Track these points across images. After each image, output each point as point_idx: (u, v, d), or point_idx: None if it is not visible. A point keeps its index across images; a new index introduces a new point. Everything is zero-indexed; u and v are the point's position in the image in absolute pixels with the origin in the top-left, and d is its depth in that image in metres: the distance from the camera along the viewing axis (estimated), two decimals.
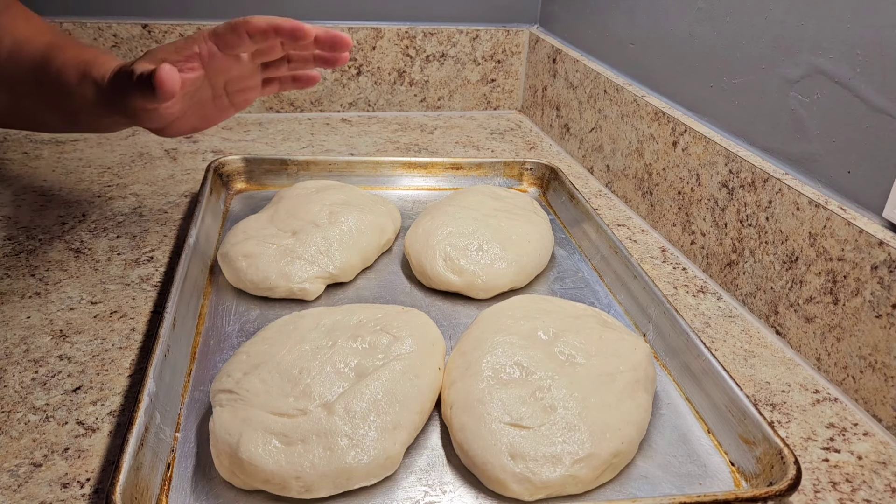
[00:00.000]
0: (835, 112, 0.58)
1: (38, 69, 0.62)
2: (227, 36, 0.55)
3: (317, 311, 0.55)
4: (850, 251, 0.55)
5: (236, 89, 0.63)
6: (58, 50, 0.62)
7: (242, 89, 0.64)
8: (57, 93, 0.61)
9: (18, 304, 0.60)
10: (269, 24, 0.55)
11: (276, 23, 0.55)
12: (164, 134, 0.62)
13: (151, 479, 0.43)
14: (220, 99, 0.63)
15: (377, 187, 0.84)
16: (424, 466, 0.47)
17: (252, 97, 0.65)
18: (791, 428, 0.53)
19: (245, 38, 0.55)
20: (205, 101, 0.62)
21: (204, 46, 0.55)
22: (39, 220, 0.73)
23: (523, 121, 1.14)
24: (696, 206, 0.73)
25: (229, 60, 0.58)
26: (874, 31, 0.54)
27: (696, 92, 0.75)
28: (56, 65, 0.61)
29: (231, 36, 0.55)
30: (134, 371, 0.54)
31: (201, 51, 0.55)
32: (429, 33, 1.09)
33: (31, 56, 0.63)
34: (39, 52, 0.63)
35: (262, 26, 0.55)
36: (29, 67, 0.63)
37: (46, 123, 0.69)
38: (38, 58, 0.62)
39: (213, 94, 0.62)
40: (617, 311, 0.65)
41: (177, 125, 0.61)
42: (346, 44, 0.59)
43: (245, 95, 0.64)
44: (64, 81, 0.60)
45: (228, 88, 0.63)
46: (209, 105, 0.63)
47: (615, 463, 0.46)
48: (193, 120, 0.62)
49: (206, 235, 0.68)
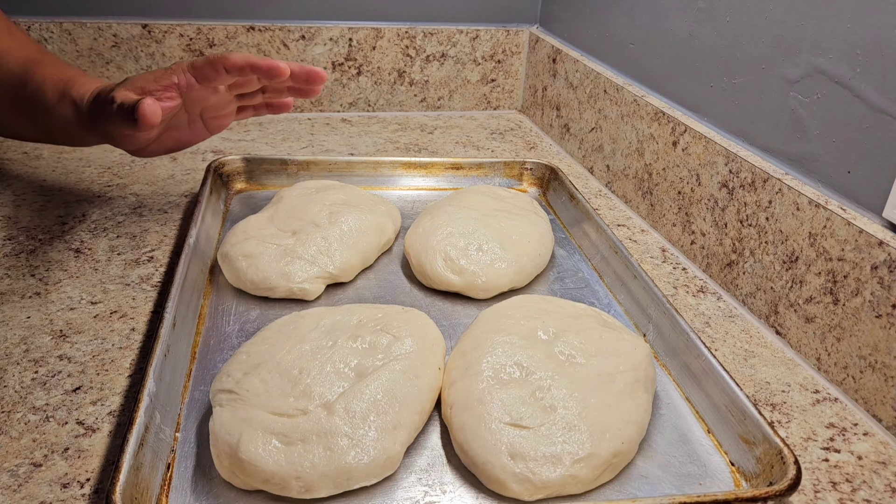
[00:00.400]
0: (835, 112, 0.58)
1: (16, 83, 0.64)
2: (206, 70, 0.58)
3: (317, 311, 0.55)
4: (850, 251, 0.55)
5: (211, 116, 0.66)
6: (37, 66, 0.63)
7: (217, 116, 0.66)
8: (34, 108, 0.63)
9: (18, 304, 0.60)
10: (245, 62, 0.57)
11: (253, 61, 0.58)
12: (140, 155, 0.65)
13: (151, 479, 0.43)
14: (195, 124, 0.66)
15: (377, 187, 0.84)
16: (424, 466, 0.47)
17: (227, 123, 0.68)
18: (791, 428, 0.53)
19: (222, 72, 0.57)
20: (181, 126, 0.65)
21: (182, 78, 0.58)
22: (39, 220, 0.73)
23: (523, 121, 1.14)
24: (696, 206, 0.73)
25: (206, 91, 0.61)
26: (874, 31, 0.54)
27: (696, 92, 0.75)
28: (35, 81, 0.62)
29: (209, 70, 0.58)
30: (134, 371, 0.54)
31: (180, 82, 0.58)
32: (429, 33, 1.09)
33: (9, 69, 0.64)
34: (18, 65, 0.64)
35: (239, 63, 0.57)
36: (6, 80, 0.64)
37: (20, 133, 0.71)
38: (17, 71, 0.64)
39: (188, 120, 0.65)
40: (617, 311, 0.65)
41: (152, 148, 0.64)
42: (321, 78, 0.62)
43: (220, 122, 0.67)
44: (42, 98, 0.61)
45: (204, 115, 0.66)
46: (185, 130, 0.65)
47: (615, 463, 0.46)
48: (168, 143, 0.65)
49: (206, 235, 0.68)
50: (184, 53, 1.02)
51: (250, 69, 0.58)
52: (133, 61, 1.01)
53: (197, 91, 0.59)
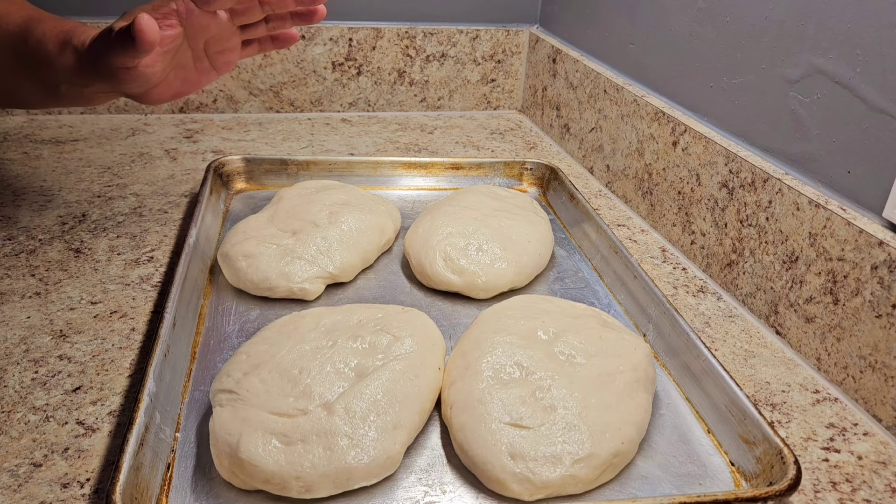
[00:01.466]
0: (835, 112, 0.58)
1: (17, 42, 0.62)
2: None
3: (317, 311, 0.55)
4: (850, 251, 0.55)
5: (216, 50, 0.63)
6: (36, 22, 0.62)
7: (222, 50, 0.64)
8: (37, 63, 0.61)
9: (18, 304, 0.60)
10: None
11: None
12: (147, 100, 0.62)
13: (151, 479, 0.43)
14: (200, 62, 0.63)
15: (377, 187, 0.84)
16: (424, 466, 0.47)
17: (233, 59, 0.65)
18: (791, 428, 0.53)
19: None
20: (185, 65, 0.62)
21: (181, 3, 0.56)
22: (39, 220, 0.73)
23: (523, 121, 1.14)
24: (696, 206, 0.73)
25: (207, 18, 0.58)
26: (874, 31, 0.54)
27: (696, 92, 0.75)
28: (36, 35, 0.61)
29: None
30: (134, 371, 0.54)
31: (178, 7, 0.56)
32: (429, 33, 1.09)
33: (9, 30, 0.63)
34: (17, 25, 0.63)
35: None
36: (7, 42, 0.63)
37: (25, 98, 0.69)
38: (17, 31, 0.62)
39: (193, 57, 0.62)
40: (617, 311, 0.65)
41: (159, 90, 0.61)
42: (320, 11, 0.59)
43: (225, 57, 0.64)
44: (44, 51, 0.60)
45: (208, 50, 0.63)
46: (190, 68, 0.63)
47: (615, 463, 0.46)
48: (176, 84, 0.62)
49: (206, 235, 0.68)
50: None
51: None
52: None
53: (198, 17, 0.57)
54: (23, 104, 0.71)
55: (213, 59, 0.64)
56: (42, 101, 0.69)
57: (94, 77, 0.59)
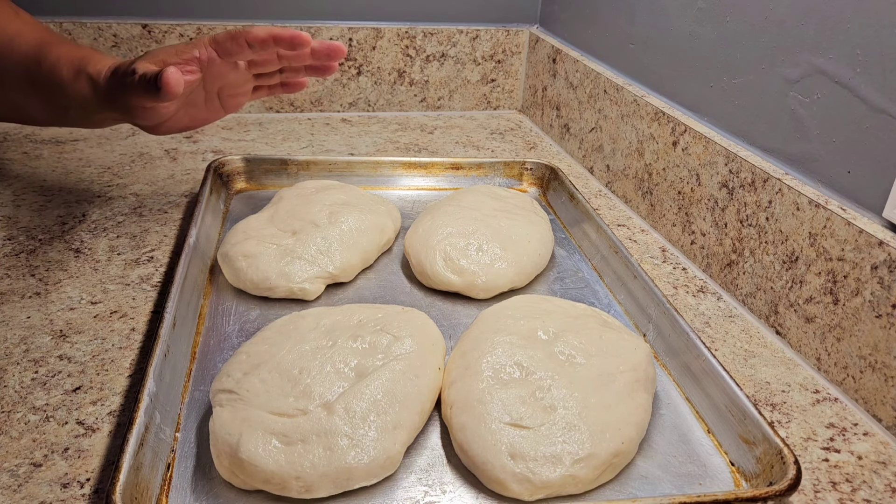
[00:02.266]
0: (835, 112, 0.58)
1: (30, 64, 0.63)
2: (228, 44, 0.58)
3: (317, 311, 0.55)
4: (850, 251, 0.55)
5: (229, 94, 0.66)
6: (50, 46, 0.63)
7: (234, 94, 0.66)
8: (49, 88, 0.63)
9: (18, 304, 0.60)
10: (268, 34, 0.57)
11: (276, 32, 0.57)
12: (155, 132, 0.64)
13: (151, 479, 0.43)
14: (212, 102, 0.65)
15: (377, 187, 0.84)
16: (424, 466, 0.47)
17: (243, 102, 0.68)
18: (791, 428, 0.53)
19: (245, 47, 0.57)
20: (197, 103, 0.64)
21: (204, 52, 0.57)
22: (39, 220, 0.73)
23: (523, 121, 1.14)
24: (696, 206, 0.73)
25: (227, 67, 0.61)
26: (874, 31, 0.54)
27: (696, 92, 0.75)
28: (50, 59, 0.62)
29: (231, 44, 0.57)
30: (134, 371, 0.54)
31: (201, 56, 0.57)
32: (429, 33, 1.09)
33: (22, 51, 0.64)
34: (31, 47, 0.64)
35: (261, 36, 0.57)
36: (20, 62, 0.64)
37: (34, 116, 0.71)
38: (30, 53, 0.64)
39: (206, 98, 0.65)
40: (617, 311, 0.65)
41: (168, 124, 0.63)
42: (341, 53, 0.62)
43: (236, 100, 0.67)
44: (58, 77, 0.61)
45: (221, 93, 0.65)
46: (201, 107, 0.65)
47: (615, 463, 0.46)
48: (185, 120, 0.65)
49: (206, 235, 0.68)
50: None
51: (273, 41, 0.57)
52: None
53: (217, 66, 0.59)
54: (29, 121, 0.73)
55: (224, 101, 0.66)
56: (48, 121, 0.71)
57: (108, 108, 0.61)
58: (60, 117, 0.68)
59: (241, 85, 0.66)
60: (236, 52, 0.58)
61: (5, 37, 0.65)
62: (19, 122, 0.73)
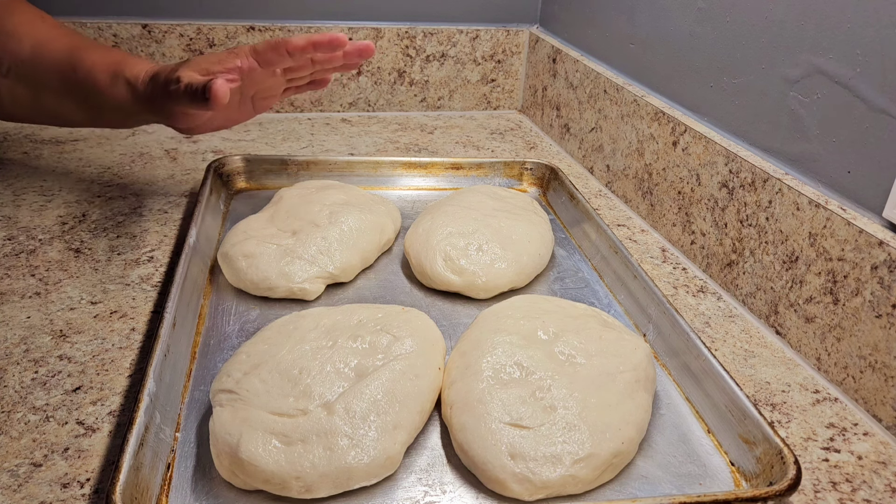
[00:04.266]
0: (835, 112, 0.58)
1: (65, 69, 0.65)
2: (269, 54, 0.60)
3: (317, 311, 0.55)
4: (850, 251, 0.55)
5: (262, 97, 0.68)
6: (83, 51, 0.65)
7: (267, 97, 0.69)
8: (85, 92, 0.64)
9: (18, 304, 0.60)
10: (308, 42, 0.60)
11: (314, 39, 0.59)
12: (189, 133, 0.67)
13: (151, 479, 0.43)
14: (245, 104, 0.68)
15: (377, 187, 0.84)
16: (424, 466, 0.47)
17: (273, 103, 0.70)
18: (791, 428, 0.53)
19: (285, 56, 0.60)
20: (231, 106, 0.66)
21: (245, 62, 0.60)
22: (39, 220, 0.73)
23: (523, 121, 1.14)
24: (696, 206, 0.73)
25: (265, 74, 0.63)
26: (874, 31, 0.54)
27: (696, 92, 0.75)
28: (85, 65, 0.64)
29: (272, 54, 0.60)
30: (134, 371, 0.54)
31: (242, 65, 0.60)
32: (429, 33, 1.09)
33: (54, 56, 0.66)
34: (63, 53, 0.66)
35: (301, 45, 0.60)
36: (53, 67, 0.66)
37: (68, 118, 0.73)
38: (63, 59, 0.65)
39: (240, 100, 0.67)
40: (617, 311, 0.65)
41: (203, 126, 0.66)
42: (371, 51, 0.64)
43: (268, 102, 0.69)
44: (93, 82, 0.63)
45: (256, 96, 0.68)
46: (234, 108, 0.67)
47: (615, 463, 0.46)
48: (218, 121, 0.67)
49: (206, 235, 0.68)
50: (184, 53, 1.02)
51: (312, 48, 0.59)
52: None
53: (257, 74, 0.61)
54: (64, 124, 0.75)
55: (256, 103, 0.68)
56: (83, 122, 0.74)
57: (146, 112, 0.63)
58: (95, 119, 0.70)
59: (276, 88, 0.68)
60: (277, 62, 0.60)
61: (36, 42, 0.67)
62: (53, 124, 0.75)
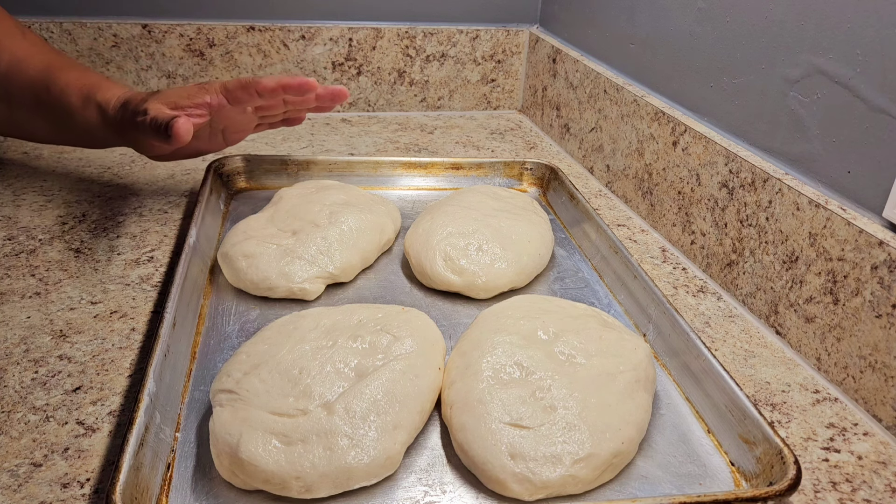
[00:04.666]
0: (835, 112, 0.58)
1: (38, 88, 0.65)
2: (238, 93, 0.61)
3: (317, 311, 0.55)
4: (850, 251, 0.55)
5: (233, 132, 0.69)
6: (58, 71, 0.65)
7: (238, 132, 0.70)
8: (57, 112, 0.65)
9: (18, 304, 0.60)
10: (277, 84, 0.60)
11: (284, 82, 0.60)
12: (157, 160, 0.68)
13: (151, 479, 0.43)
14: (215, 137, 0.69)
15: (377, 187, 0.84)
16: (424, 466, 0.47)
17: (244, 136, 0.71)
18: (791, 428, 0.53)
19: (255, 95, 0.60)
20: (201, 138, 0.67)
21: (215, 98, 0.61)
22: (39, 220, 0.73)
23: (523, 121, 1.14)
24: (696, 206, 0.73)
25: (235, 111, 0.64)
26: (874, 31, 0.54)
27: (696, 92, 0.75)
28: (59, 85, 0.64)
29: (242, 93, 0.61)
30: (134, 371, 0.54)
31: (212, 101, 0.60)
32: (429, 33, 1.09)
33: (29, 74, 0.66)
34: (38, 71, 0.66)
35: (271, 86, 0.60)
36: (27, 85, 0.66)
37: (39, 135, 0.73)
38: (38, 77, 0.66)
39: (210, 134, 0.68)
40: (617, 311, 0.65)
41: (171, 156, 0.67)
42: (344, 96, 0.65)
43: (239, 136, 0.71)
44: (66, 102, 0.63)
45: (226, 130, 0.69)
46: (205, 140, 0.68)
47: (615, 463, 0.46)
48: (186, 151, 0.69)
49: (206, 235, 0.68)
50: (184, 53, 1.02)
51: (282, 90, 0.60)
52: (133, 61, 1.01)
53: (226, 111, 0.62)
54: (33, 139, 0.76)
55: (227, 137, 0.70)
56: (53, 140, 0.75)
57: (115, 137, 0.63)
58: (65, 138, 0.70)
59: (247, 123, 0.69)
60: (246, 101, 0.60)
61: (13, 58, 0.67)
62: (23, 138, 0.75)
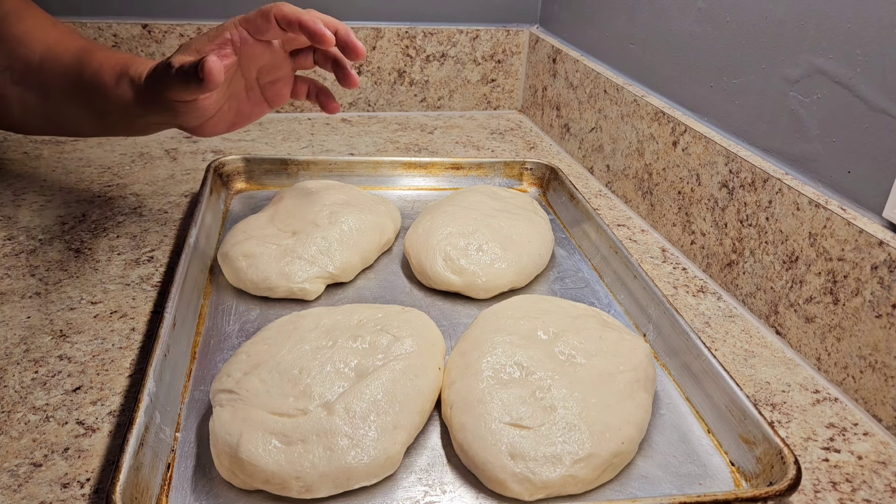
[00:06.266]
0: (835, 112, 0.58)
1: (73, 73, 0.64)
2: (257, 21, 0.57)
3: (317, 311, 0.55)
4: (850, 251, 0.55)
5: (269, 80, 0.65)
6: (90, 54, 0.64)
7: (274, 80, 0.65)
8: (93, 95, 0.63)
9: (18, 304, 0.60)
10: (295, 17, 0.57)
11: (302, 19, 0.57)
12: (202, 132, 0.63)
13: (151, 478, 0.43)
14: (252, 91, 0.64)
15: (377, 187, 0.84)
16: (424, 466, 0.47)
17: (284, 92, 0.67)
18: (791, 428, 0.53)
19: (274, 23, 0.57)
20: (239, 95, 0.63)
21: (235, 32, 0.58)
22: (39, 220, 0.73)
23: (523, 121, 1.14)
24: (696, 206, 0.73)
25: (261, 47, 0.60)
26: (874, 31, 0.54)
27: (696, 92, 0.75)
28: (92, 66, 0.63)
29: (261, 21, 0.57)
30: (134, 371, 0.54)
31: (233, 37, 0.57)
32: (429, 33, 1.09)
33: (64, 60, 0.65)
34: (72, 55, 0.65)
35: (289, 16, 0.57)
36: (62, 71, 0.65)
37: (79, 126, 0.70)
38: (72, 62, 0.64)
39: (246, 86, 0.64)
40: (617, 311, 0.65)
41: (213, 122, 0.62)
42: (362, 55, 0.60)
43: (277, 88, 0.66)
44: (101, 83, 0.62)
45: (261, 80, 0.64)
46: (243, 99, 0.64)
47: (615, 463, 0.46)
48: (230, 116, 0.64)
49: (206, 235, 0.68)
50: None
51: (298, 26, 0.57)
52: None
53: (251, 47, 0.58)
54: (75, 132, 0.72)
55: (265, 90, 0.65)
56: (92, 130, 0.71)
57: (150, 109, 0.60)
58: (105, 125, 0.68)
59: (279, 67, 0.64)
60: (266, 29, 0.57)
61: (45, 44, 0.66)
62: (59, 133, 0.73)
